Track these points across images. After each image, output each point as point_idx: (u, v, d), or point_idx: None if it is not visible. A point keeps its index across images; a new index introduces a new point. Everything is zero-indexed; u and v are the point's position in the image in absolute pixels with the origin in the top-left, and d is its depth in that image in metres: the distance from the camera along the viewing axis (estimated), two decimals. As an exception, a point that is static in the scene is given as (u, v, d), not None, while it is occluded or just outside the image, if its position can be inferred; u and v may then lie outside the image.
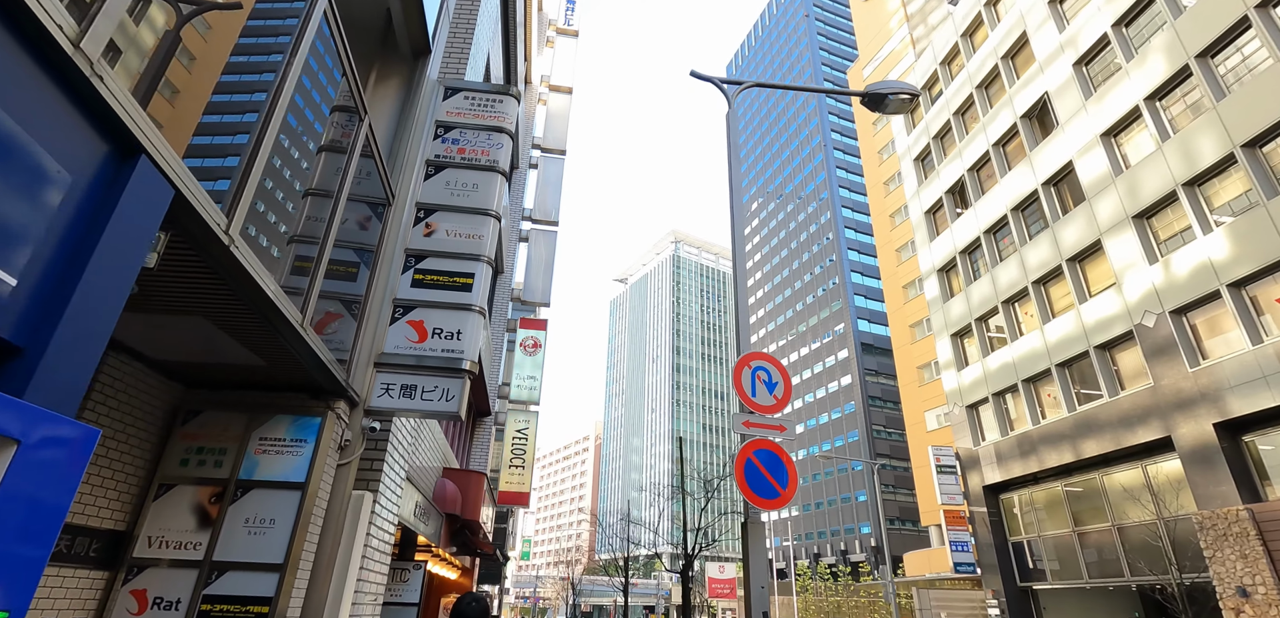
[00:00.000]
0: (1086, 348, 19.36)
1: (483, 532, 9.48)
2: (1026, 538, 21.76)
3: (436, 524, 7.52)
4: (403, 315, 4.19)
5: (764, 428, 4.78)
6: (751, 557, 4.91)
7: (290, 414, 3.55)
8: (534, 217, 15.63)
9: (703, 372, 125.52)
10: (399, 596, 7.12)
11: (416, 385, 3.99)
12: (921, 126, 29.58)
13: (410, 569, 7.24)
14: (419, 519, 6.39)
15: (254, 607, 3.10)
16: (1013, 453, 22.01)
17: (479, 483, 8.48)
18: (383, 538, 4.49)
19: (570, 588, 43.51)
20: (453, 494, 7.88)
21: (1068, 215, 20.69)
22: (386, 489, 4.44)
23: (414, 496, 5.96)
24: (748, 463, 4.65)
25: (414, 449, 6.27)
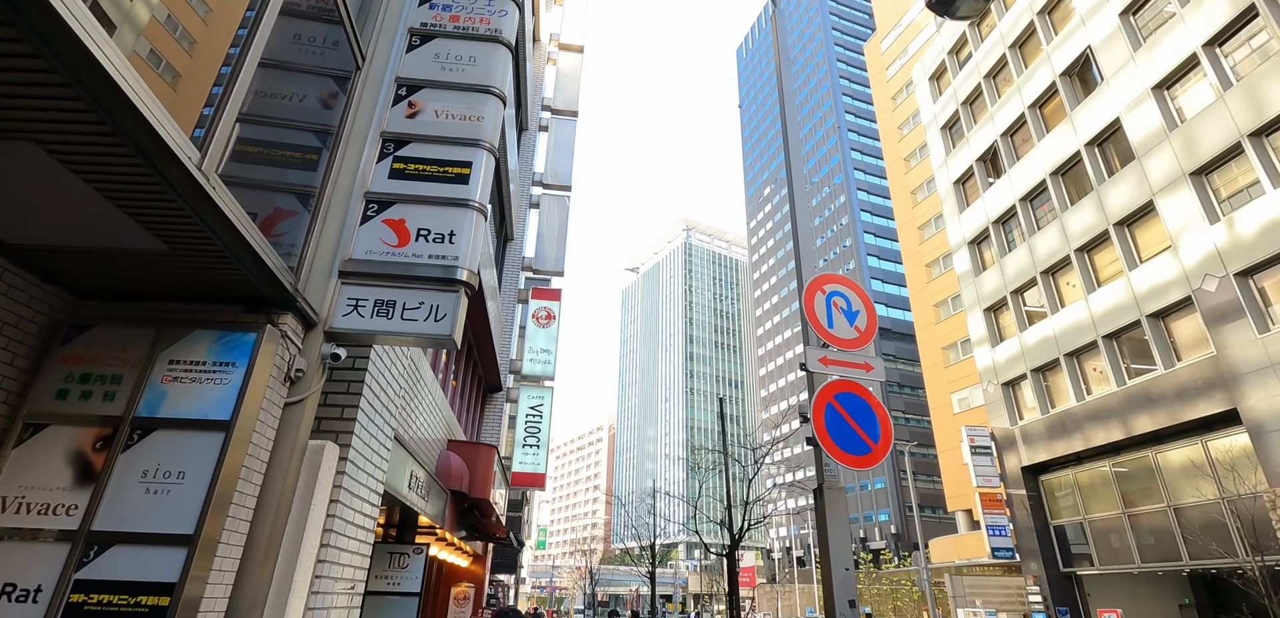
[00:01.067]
0: (1138, 317, 18.05)
1: (495, 514, 8.50)
2: (1069, 521, 20.54)
3: (441, 503, 6.53)
4: (377, 213, 3.18)
5: (848, 366, 3.71)
6: (831, 530, 3.87)
7: (215, 329, 2.56)
8: (545, 181, 14.60)
9: (716, 360, 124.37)
10: (397, 584, 6.14)
11: (395, 302, 2.98)
12: (949, 93, 28.18)
13: (410, 553, 6.25)
14: (418, 494, 5.40)
15: (147, 597, 2.11)
16: (1054, 432, 20.76)
17: (489, 457, 7.49)
18: (361, 508, 3.49)
19: (588, 577, 42.75)
20: (459, 469, 6.90)
21: (1115, 177, 19.33)
22: (363, 446, 3.44)
23: (409, 464, 4.96)
24: (828, 410, 3.58)
25: (408, 410, 5.27)
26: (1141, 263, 18.27)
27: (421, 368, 5.82)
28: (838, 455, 3.47)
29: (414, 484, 5.26)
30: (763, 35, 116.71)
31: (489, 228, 11.02)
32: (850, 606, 3.77)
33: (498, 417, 12.23)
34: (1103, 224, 19.47)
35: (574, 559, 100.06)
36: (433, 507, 6.17)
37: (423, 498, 5.61)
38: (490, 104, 3.55)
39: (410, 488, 5.01)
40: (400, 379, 4.21)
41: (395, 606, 6.09)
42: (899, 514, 67.35)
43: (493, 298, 11.14)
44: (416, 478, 5.29)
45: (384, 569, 6.18)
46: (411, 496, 5.12)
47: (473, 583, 11.12)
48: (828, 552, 3.81)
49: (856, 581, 39.78)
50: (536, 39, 15.89)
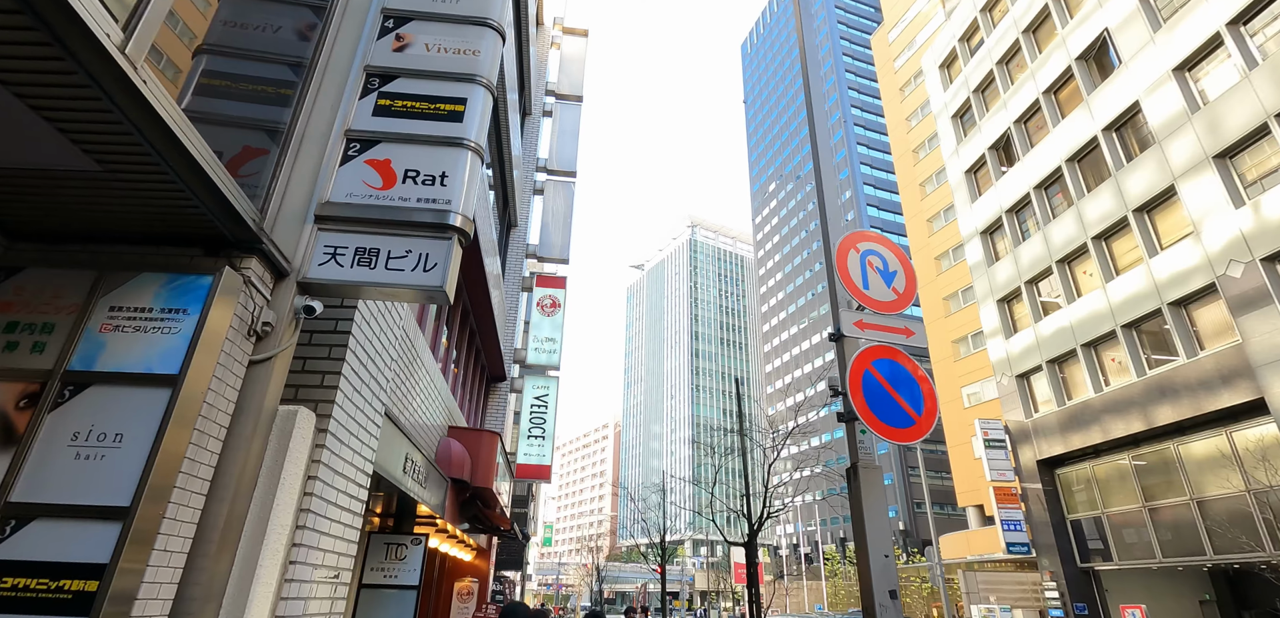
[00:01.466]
0: (1158, 305, 17.56)
1: (499, 506, 8.15)
2: (1087, 516, 20.07)
3: (440, 492, 6.17)
4: (359, 153, 2.82)
5: (886, 330, 3.32)
6: (867, 514, 3.48)
7: (165, 273, 2.20)
8: (550, 167, 14.23)
9: (722, 357, 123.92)
10: (393, 576, 5.79)
11: (379, 250, 2.62)
12: (960, 80, 27.67)
13: (407, 544, 5.89)
14: (415, 480, 5.03)
15: (72, 581, 1.76)
16: (1071, 424, 20.28)
17: (492, 445, 7.14)
18: (346, 488, 3.13)
19: (595, 573, 42.44)
20: (460, 456, 6.55)
21: (1134, 162, 18.83)
22: (347, 419, 3.08)
23: (404, 447, 4.60)
24: (866, 377, 3.20)
25: (404, 388, 4.91)
26: (1162, 250, 17.78)
27: (418, 346, 5.46)
28: (879, 429, 3.09)
29: (411, 469, 4.91)
30: (767, 30, 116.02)
31: (492, 213, 10.67)
32: (891, 596, 3.39)
33: (502, 407, 11.88)
34: (1121, 211, 18.98)
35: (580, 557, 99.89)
36: (432, 495, 5.82)
37: (420, 485, 5.25)
38: (488, 37, 3.18)
39: (406, 473, 4.65)
40: (393, 351, 3.85)
41: (393, 600, 5.74)
42: (907, 510, 66.83)
43: (496, 287, 10.79)
44: (413, 463, 4.93)
45: (380, 561, 5.83)
46: (407, 481, 4.76)
47: (476, 578, 10.78)
48: (865, 537, 3.43)
49: (866, 577, 39.31)
50: (540, 22, 15.52)
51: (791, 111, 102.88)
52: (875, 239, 3.68)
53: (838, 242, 3.56)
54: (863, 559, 3.43)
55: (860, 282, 3.49)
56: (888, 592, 3.39)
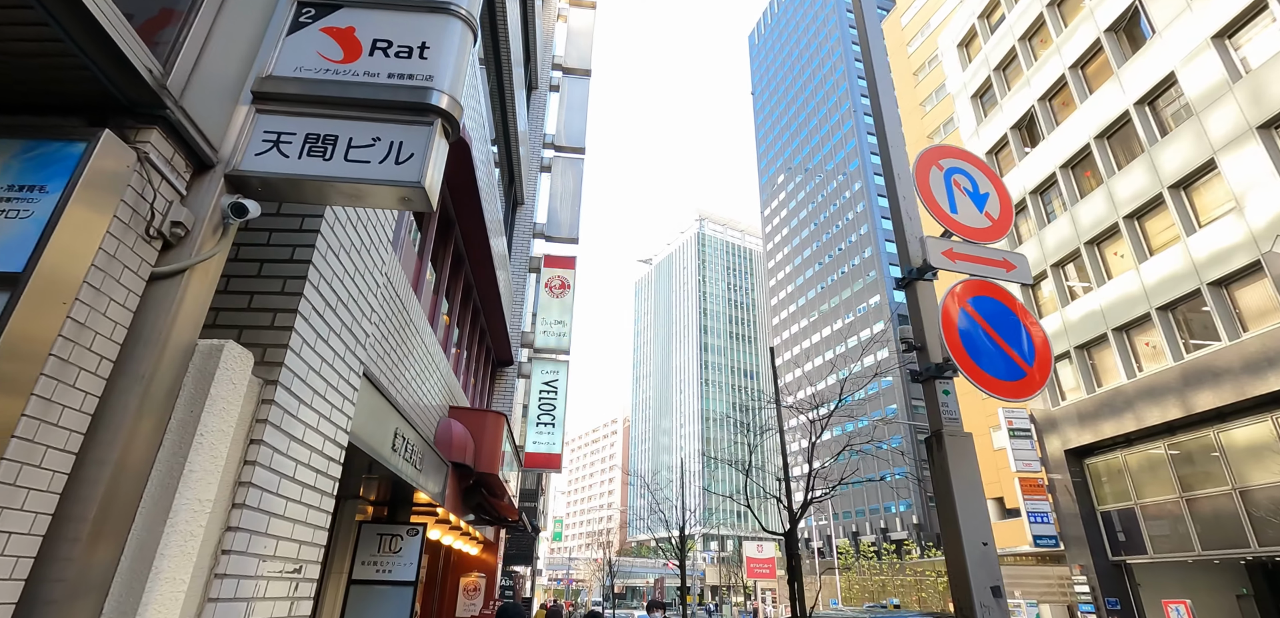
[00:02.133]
0: (1197, 285, 16.69)
1: (506, 495, 7.51)
2: (1119, 507, 19.24)
3: (440, 477, 5.54)
4: (315, 19, 2.18)
5: (984, 262, 2.63)
6: (958, 491, 2.80)
7: (21, 138, 1.56)
8: (557, 143, 13.57)
9: (731, 350, 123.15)
10: (387, 571, 5.16)
11: (337, 136, 1.97)
12: (979, 59, 26.76)
13: (403, 535, 5.27)
14: (408, 462, 4.39)
15: None
16: (1101, 412, 19.44)
17: (497, 427, 6.50)
18: (308, 460, 2.49)
19: (607, 567, 41.90)
20: (462, 438, 5.92)
21: (1169, 137, 17.94)
22: (308, 371, 2.44)
23: (393, 420, 3.96)
24: (964, 320, 2.51)
25: (393, 353, 4.27)
26: (1201, 227, 16.91)
27: (412, 311, 4.82)
28: (984, 381, 2.41)
29: (403, 448, 4.26)
30: (774, 21, 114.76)
31: (497, 189, 10.03)
32: (994, 594, 2.70)
33: (509, 393, 11.26)
34: (1155, 188, 18.10)
35: (590, 552, 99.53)
36: (430, 481, 5.18)
37: (415, 467, 4.61)
38: (480, -113, 2.53)
39: (396, 451, 4.01)
40: (375, 301, 3.21)
41: (386, 597, 5.11)
42: (921, 504, 65.96)
43: (502, 267, 10.16)
44: (405, 440, 4.29)
45: (372, 553, 5.20)
46: (398, 461, 4.11)
47: (483, 573, 10.17)
48: (955, 520, 2.74)
49: (879, 571, 38.62)
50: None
51: (800, 102, 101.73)
52: (961, 155, 2.99)
53: (916, 156, 2.88)
54: (953, 546, 2.74)
55: (946, 204, 2.81)
56: (990, 588, 2.70)
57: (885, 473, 71.99)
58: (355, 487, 5.03)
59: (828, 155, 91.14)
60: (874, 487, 74.32)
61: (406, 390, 4.84)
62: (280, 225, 2.47)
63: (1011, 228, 2.83)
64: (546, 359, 11.72)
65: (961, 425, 2.92)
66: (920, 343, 3.12)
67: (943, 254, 2.70)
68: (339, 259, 2.70)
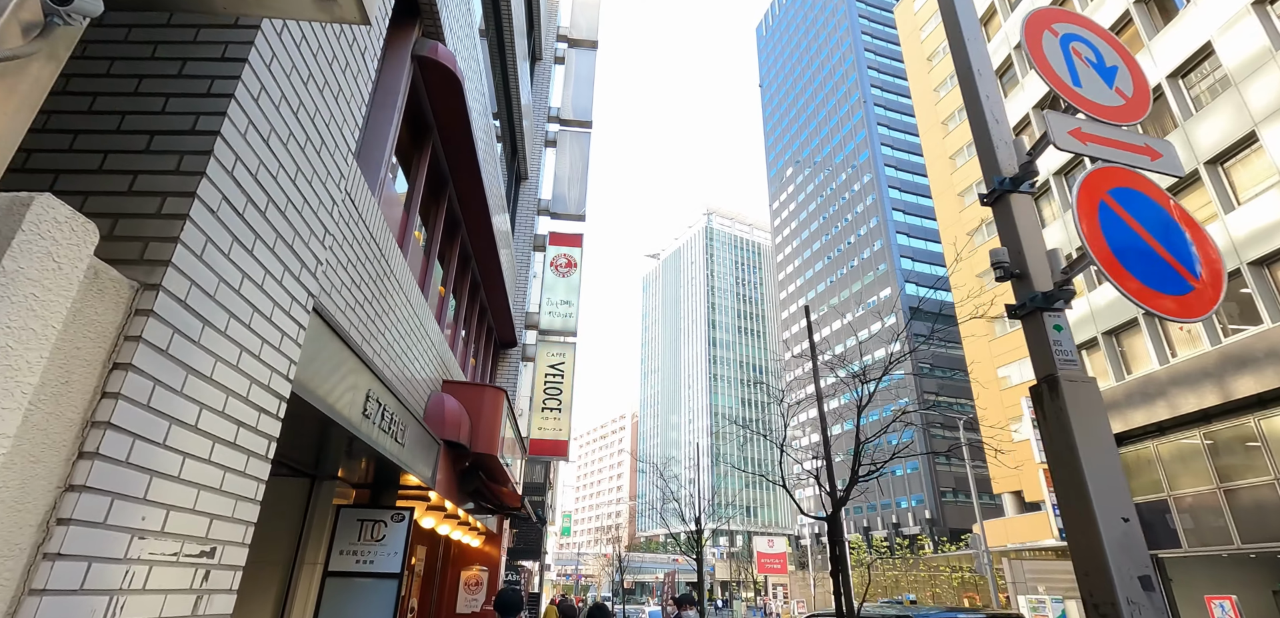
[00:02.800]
0: (1237, 265, 15.84)
1: (510, 481, 6.88)
2: (1150, 499, 18.42)
3: (431, 458, 4.90)
4: None
5: (1122, 147, 1.95)
6: (1084, 455, 2.15)
7: None
8: (563, 117, 12.90)
9: (739, 345, 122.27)
10: (368, 561, 4.54)
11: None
12: (999, 37, 25.89)
13: (387, 521, 4.64)
14: (387, 432, 3.75)
15: None
16: (1132, 400, 18.61)
17: (496, 404, 5.86)
18: (225, 407, 1.84)
19: (617, 562, 41.33)
20: (455, 414, 5.29)
21: (1204, 110, 17.08)
22: (221, 285, 1.80)
23: (365, 381, 3.33)
24: (1105, 214, 1.84)
25: (369, 309, 3.63)
26: (1240, 204, 16.06)
27: (392, 260, 4.19)
28: (1142, 294, 1.76)
29: (379, 416, 3.62)
30: (782, 11, 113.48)
31: (500, 164, 9.39)
32: (1144, 587, 2.02)
33: (513, 376, 10.63)
34: (1190, 163, 17.24)
35: (599, 547, 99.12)
36: (417, 460, 4.54)
37: (396, 440, 3.97)
38: None
39: (368, 417, 3.37)
40: (331, 220, 2.57)
41: (367, 591, 4.49)
42: (933, 499, 65.05)
43: (505, 246, 9.52)
44: (382, 408, 3.65)
45: (352, 541, 4.57)
46: (372, 430, 3.47)
47: (486, 567, 9.56)
48: (1081, 488, 2.08)
49: (892, 567, 38.07)
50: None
51: (809, 93, 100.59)
52: (1079, 22, 2.32)
53: (1025, 18, 2.20)
54: (1082, 523, 2.09)
55: (1067, 76, 2.14)
56: (1138, 578, 2.03)
57: (896, 467, 71.12)
58: (331, 464, 4.40)
59: (838, 147, 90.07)
60: (886, 481, 73.49)
61: (387, 353, 4.21)
62: (179, 89, 1.84)
63: (1148, 108, 2.16)
64: (552, 341, 11.09)
65: (1083, 368, 2.25)
66: (1019, 269, 2.45)
67: (1069, 133, 2.04)
68: (271, 149, 2.07)
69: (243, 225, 1.93)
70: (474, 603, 8.99)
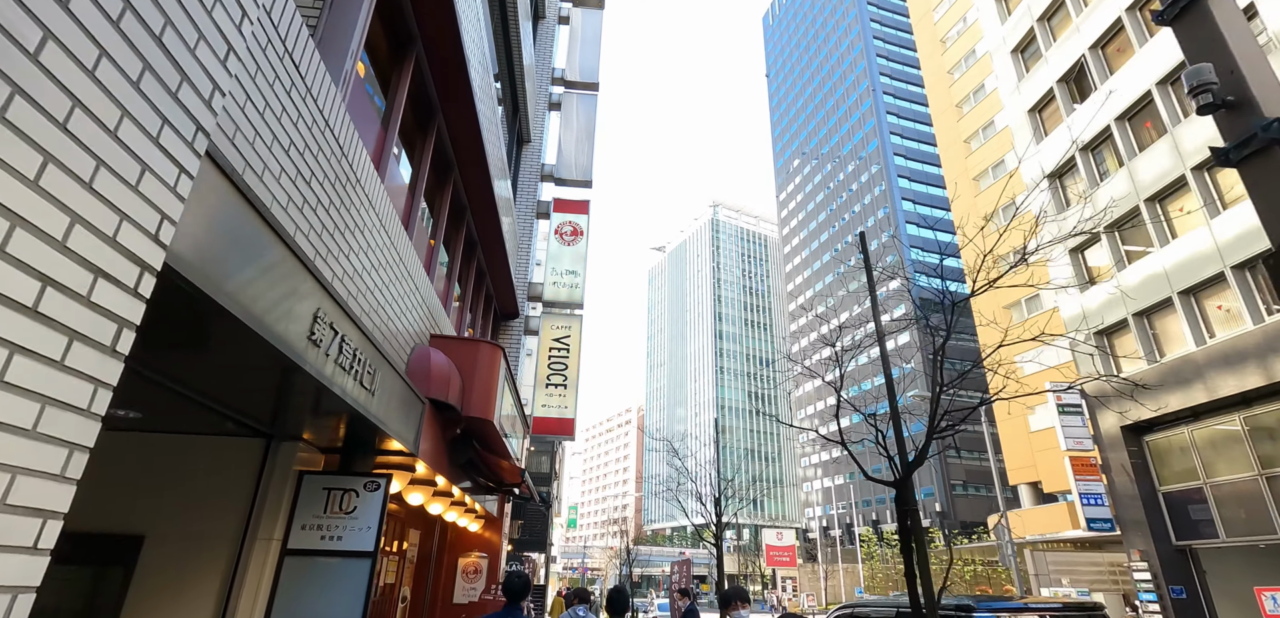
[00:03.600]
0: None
1: (509, 456, 6.12)
2: (1185, 487, 17.56)
3: (413, 417, 4.14)
4: None
5: None
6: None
7: None
8: (568, 78, 12.12)
9: (746, 338, 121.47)
10: (335, 538, 3.81)
11: None
12: (1021, 10, 24.92)
13: (359, 490, 3.89)
14: (346, 370, 2.99)
15: None
16: (1165, 383, 17.70)
17: (492, 361, 5.11)
18: (11, 290, 1.08)
19: (625, 554, 40.68)
20: (443, 370, 4.54)
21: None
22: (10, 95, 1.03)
23: (310, 297, 2.57)
24: None
25: (324, 215, 2.88)
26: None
27: (359, 167, 3.43)
28: None
29: (334, 347, 2.85)
30: (789, 0, 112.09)
31: (500, 125, 8.62)
32: None
33: (515, 350, 9.88)
34: (1231, 133, 16.27)
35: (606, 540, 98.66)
36: (392, 415, 3.78)
37: (362, 385, 3.20)
38: None
39: (317, 344, 2.61)
40: (246, 52, 1.81)
41: (334, 572, 3.75)
42: (944, 492, 64.17)
43: (506, 213, 8.77)
44: (339, 337, 2.88)
45: (316, 514, 3.82)
46: (324, 363, 2.71)
47: (486, 554, 8.82)
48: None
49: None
50: (554, -86, 13.36)
51: (816, 83, 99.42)
52: None
53: None
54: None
55: None
56: None
57: (907, 460, 70.09)
58: (291, 420, 3.65)
59: (846, 137, 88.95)
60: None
61: (353, 281, 3.45)
62: None
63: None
64: (557, 313, 10.33)
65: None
66: (1234, 94, 1.68)
67: None
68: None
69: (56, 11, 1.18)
70: (472, 592, 8.26)
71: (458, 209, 7.11)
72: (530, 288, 10.55)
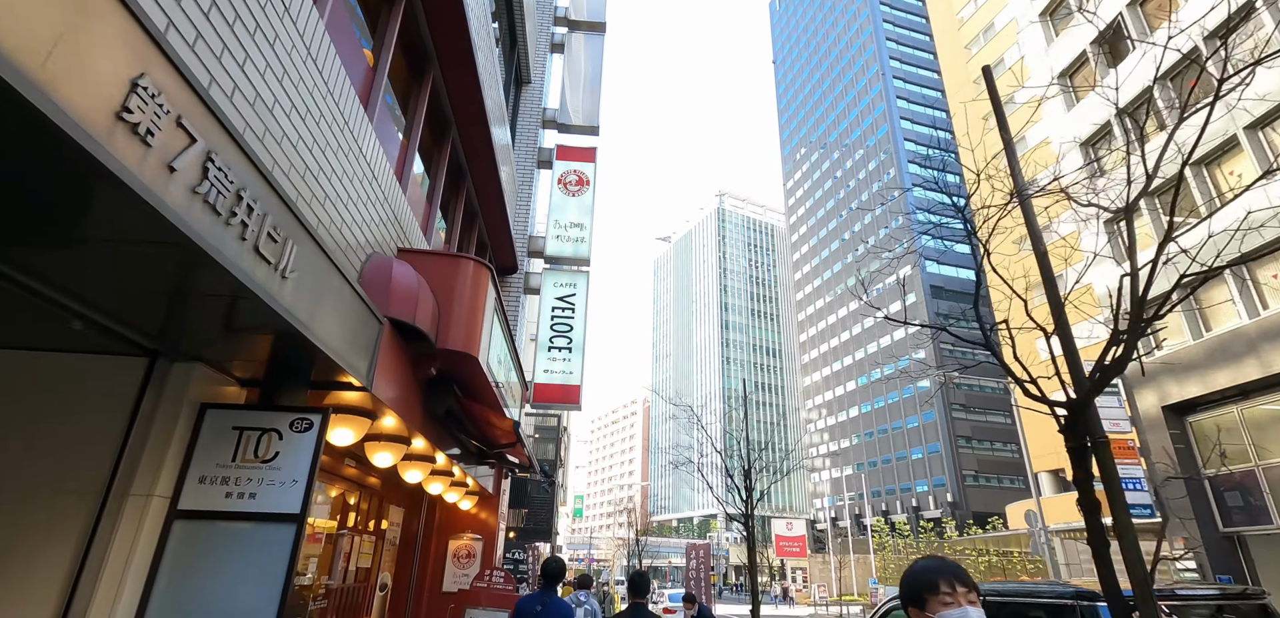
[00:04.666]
0: (1350, 198, 13.66)
1: (499, 406, 5.04)
2: (1233, 470, 16.38)
3: (365, 340, 3.04)
4: None
5: None
6: None
7: None
8: (571, 17, 10.98)
9: (752, 327, 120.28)
10: (247, 495, 2.71)
11: None
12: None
13: (282, 430, 2.78)
14: (246, 240, 1.87)
15: None
16: (1212, 360, 16.55)
17: (479, 283, 4.03)
18: None
19: (634, 543, 39.74)
20: (408, 286, 3.47)
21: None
22: None
23: (174, 93, 1.44)
24: None
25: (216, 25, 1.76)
26: (1355, 128, 13.87)
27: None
28: None
29: (225, 195, 1.74)
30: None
31: (497, 64, 7.50)
32: None
33: (514, 311, 8.80)
34: None
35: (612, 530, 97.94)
36: (327, 320, 2.68)
37: (270, 263, 2.10)
38: None
39: (197, 194, 1.52)
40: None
41: (246, 541, 2.67)
42: (955, 481, 63.00)
43: (505, 161, 7.67)
44: (235, 190, 1.78)
45: (223, 462, 2.74)
46: (200, 214, 1.60)
47: (480, 536, 7.76)
48: None
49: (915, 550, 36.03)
50: None
51: (823, 69, 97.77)
52: None
53: None
54: None
55: None
56: None
57: (917, 449, 69.12)
58: (187, 331, 2.57)
59: (855, 123, 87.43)
60: (905, 464, 71.56)
61: (270, 132, 2.36)
62: None
63: None
64: (562, 269, 9.24)
65: None
66: None
67: None
68: None
69: None
70: (464, 578, 7.21)
71: (442, 122, 6.02)
72: (530, 242, 9.48)
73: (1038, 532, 17.52)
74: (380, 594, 6.48)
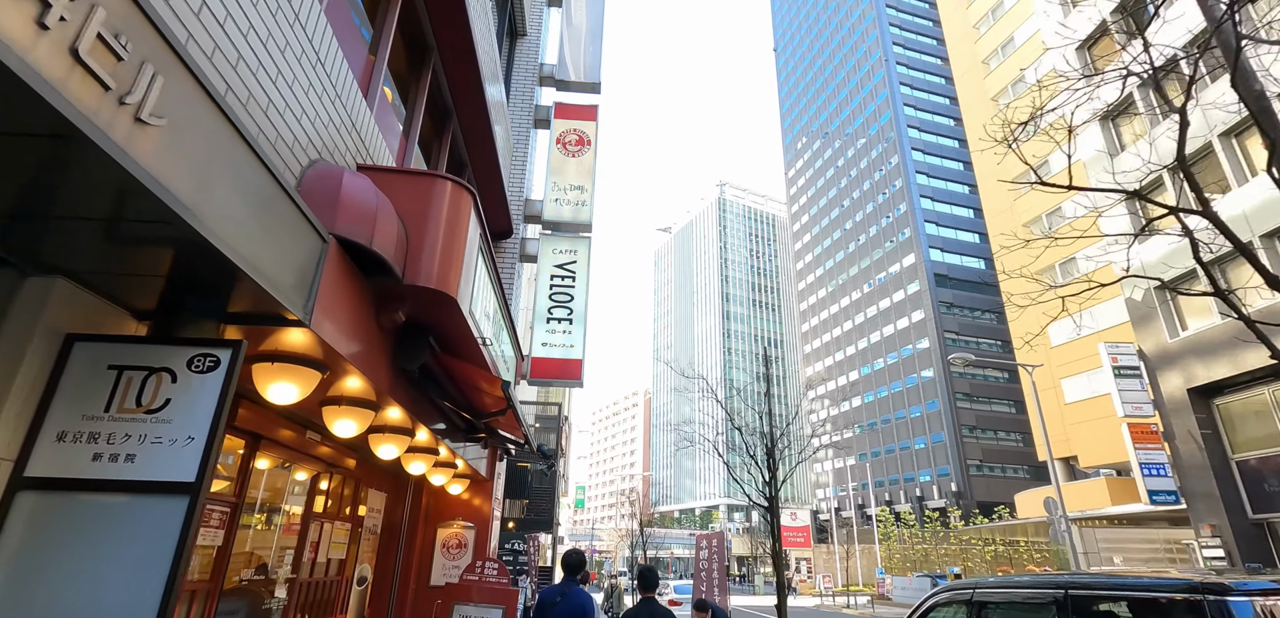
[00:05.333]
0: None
1: (485, 361, 4.29)
2: (1262, 454, 15.77)
3: (301, 257, 2.28)
4: None
5: None
6: None
7: None
8: (570, -33, 10.19)
9: (754, 319, 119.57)
10: (123, 457, 1.90)
11: None
12: (1066, -62, 22.74)
13: (176, 371, 2.00)
14: (92, 62, 1.09)
15: None
16: (1239, 340, 15.82)
17: (459, 208, 3.28)
18: None
19: (638, 533, 39.18)
20: (362, 200, 2.73)
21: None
22: None
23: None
24: None
25: None
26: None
27: None
28: None
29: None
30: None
31: (490, 13, 6.72)
32: None
33: (510, 279, 8.06)
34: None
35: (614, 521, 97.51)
36: (210, 193, 1.91)
37: (108, 88, 1.34)
38: None
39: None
40: None
41: (118, 520, 1.87)
42: (960, 471, 62.35)
43: (500, 120, 6.90)
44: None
45: (91, 413, 1.97)
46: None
47: (473, 524, 7.04)
48: None
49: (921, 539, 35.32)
50: None
51: (825, 56, 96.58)
52: None
53: None
54: None
55: None
56: None
57: (919, 439, 68.49)
58: (52, 228, 1.82)
59: (857, 110, 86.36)
60: (908, 454, 70.94)
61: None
62: None
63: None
64: (561, 235, 8.49)
65: None
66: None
67: None
68: None
69: None
70: (454, 570, 6.50)
71: (421, 48, 5.25)
72: (526, 207, 8.73)
73: (1058, 519, 16.85)
74: (358, 589, 5.77)
